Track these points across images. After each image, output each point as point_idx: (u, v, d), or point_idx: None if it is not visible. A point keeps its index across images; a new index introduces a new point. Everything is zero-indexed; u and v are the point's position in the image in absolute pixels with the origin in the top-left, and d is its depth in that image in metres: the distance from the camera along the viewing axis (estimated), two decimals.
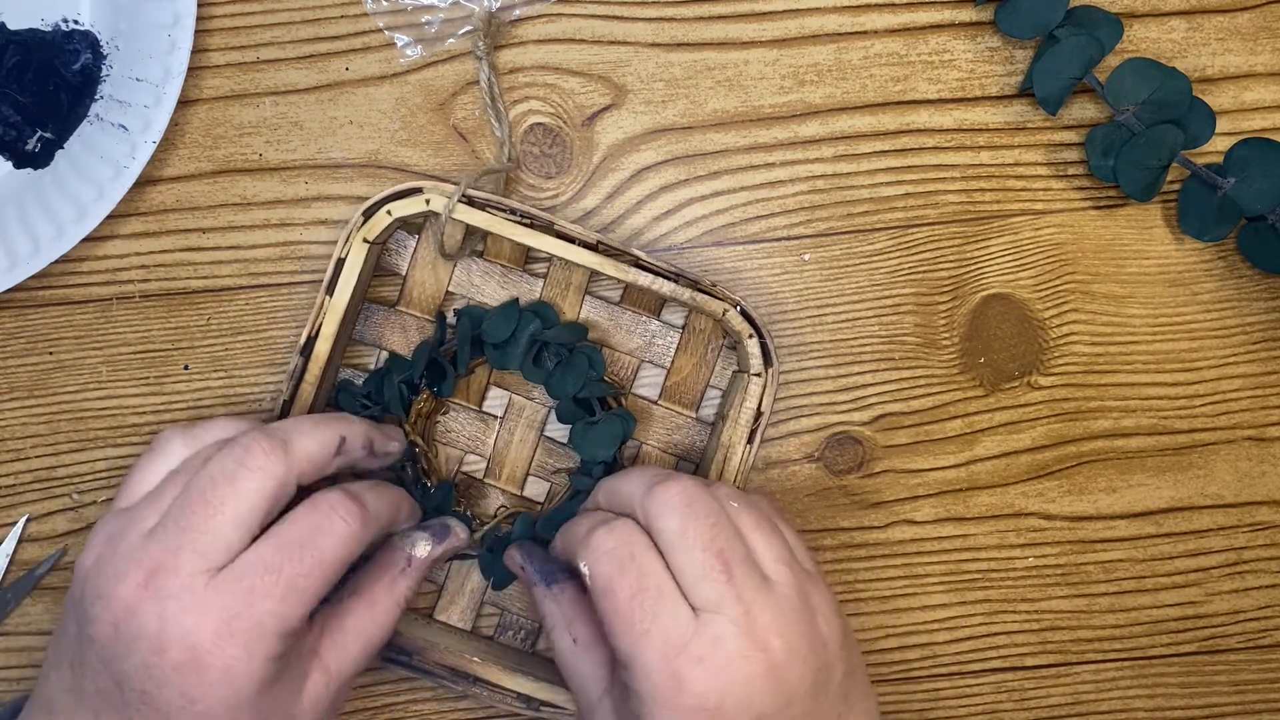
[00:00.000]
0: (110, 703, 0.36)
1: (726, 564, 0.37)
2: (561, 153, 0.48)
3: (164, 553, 0.36)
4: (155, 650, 0.35)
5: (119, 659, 0.36)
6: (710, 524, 0.37)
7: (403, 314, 0.47)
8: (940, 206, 0.49)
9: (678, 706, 0.35)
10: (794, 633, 0.37)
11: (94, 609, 0.36)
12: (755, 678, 0.36)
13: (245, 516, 0.36)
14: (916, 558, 0.50)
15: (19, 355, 0.48)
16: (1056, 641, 0.50)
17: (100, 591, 0.36)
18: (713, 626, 0.36)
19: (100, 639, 0.36)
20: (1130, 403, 0.50)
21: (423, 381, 0.46)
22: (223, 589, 0.35)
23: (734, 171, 0.48)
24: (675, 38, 0.48)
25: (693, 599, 0.36)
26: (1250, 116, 0.49)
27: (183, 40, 0.45)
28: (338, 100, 0.48)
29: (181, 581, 0.35)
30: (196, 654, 0.35)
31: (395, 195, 0.44)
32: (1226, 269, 0.50)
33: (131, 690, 0.36)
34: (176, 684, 0.35)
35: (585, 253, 0.44)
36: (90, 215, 0.45)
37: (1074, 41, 0.46)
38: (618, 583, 0.37)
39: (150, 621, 0.35)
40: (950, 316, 0.49)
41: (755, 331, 0.45)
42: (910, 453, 0.49)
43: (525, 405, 0.48)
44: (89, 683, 0.37)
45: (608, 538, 0.38)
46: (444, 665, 0.45)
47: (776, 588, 0.37)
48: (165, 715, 0.35)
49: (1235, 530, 0.50)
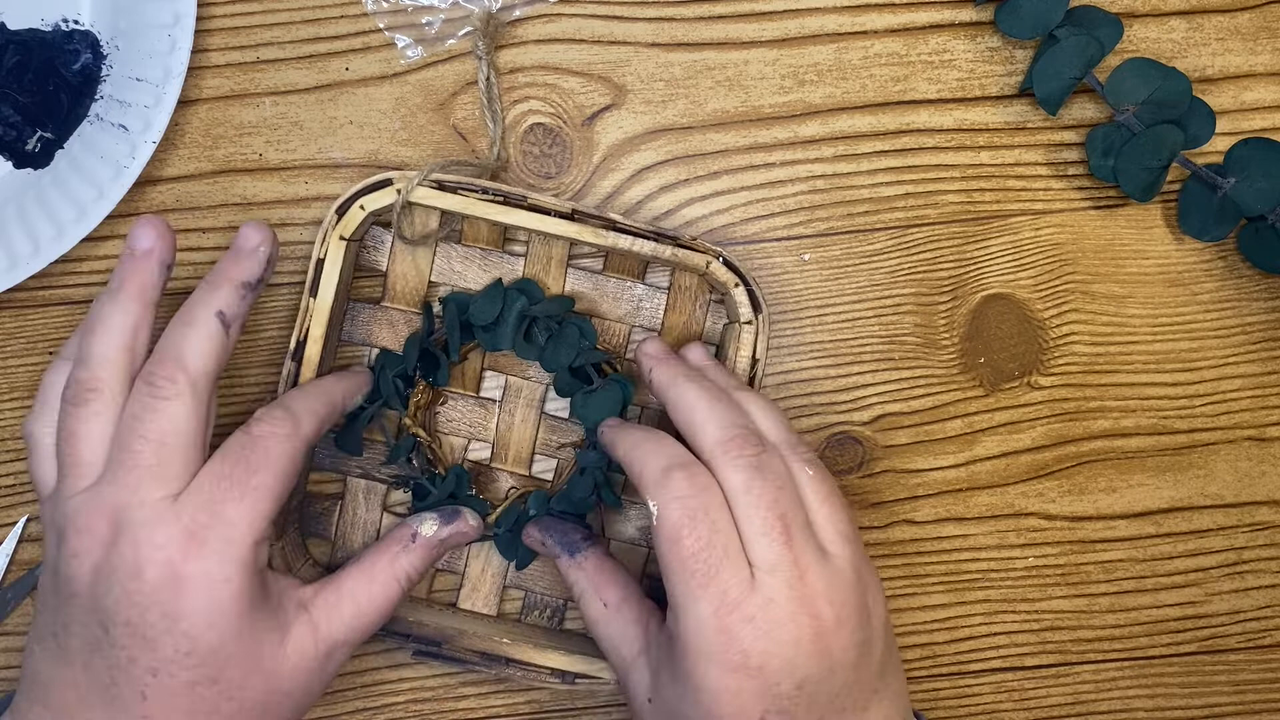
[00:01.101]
0: (97, 648, 0.37)
1: (786, 527, 0.37)
2: (561, 153, 0.48)
3: (122, 492, 0.37)
4: (132, 575, 0.36)
5: (100, 598, 0.36)
6: (776, 486, 0.38)
7: (388, 309, 0.47)
8: (940, 206, 0.49)
9: (723, 662, 0.36)
10: (844, 603, 0.37)
11: (70, 567, 0.37)
12: (803, 641, 0.36)
13: (182, 438, 0.37)
14: (916, 558, 0.50)
15: (19, 355, 0.48)
16: (1056, 641, 0.50)
17: (74, 549, 0.37)
18: (766, 588, 0.37)
19: (81, 591, 0.37)
20: (1130, 403, 0.50)
21: (417, 373, 0.46)
22: (186, 504, 0.37)
23: (734, 171, 0.48)
24: (675, 38, 0.48)
25: (750, 555, 0.37)
26: (1250, 116, 0.49)
27: (183, 40, 0.45)
28: (338, 100, 0.48)
29: (147, 511, 0.37)
30: (172, 568, 0.36)
31: (367, 189, 0.44)
32: (1226, 269, 0.50)
33: (116, 626, 0.36)
34: (157, 604, 0.36)
35: (563, 223, 0.44)
36: (90, 215, 0.45)
37: (1074, 41, 0.46)
38: (687, 532, 0.37)
39: (125, 550, 0.36)
40: (950, 316, 0.49)
41: (741, 280, 0.45)
42: (910, 453, 0.49)
43: (522, 385, 0.48)
44: (74, 640, 0.37)
45: (685, 484, 0.38)
46: (475, 651, 0.46)
47: (833, 559, 0.38)
48: (151, 643, 0.36)
49: (1235, 530, 0.50)
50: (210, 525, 0.37)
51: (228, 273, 0.40)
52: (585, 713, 0.49)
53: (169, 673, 0.36)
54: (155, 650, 0.36)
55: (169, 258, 0.40)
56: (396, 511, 0.48)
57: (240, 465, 0.38)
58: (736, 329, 0.45)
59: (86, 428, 0.38)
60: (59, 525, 0.38)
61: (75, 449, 0.38)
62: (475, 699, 0.49)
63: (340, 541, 0.47)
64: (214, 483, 0.37)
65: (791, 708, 0.37)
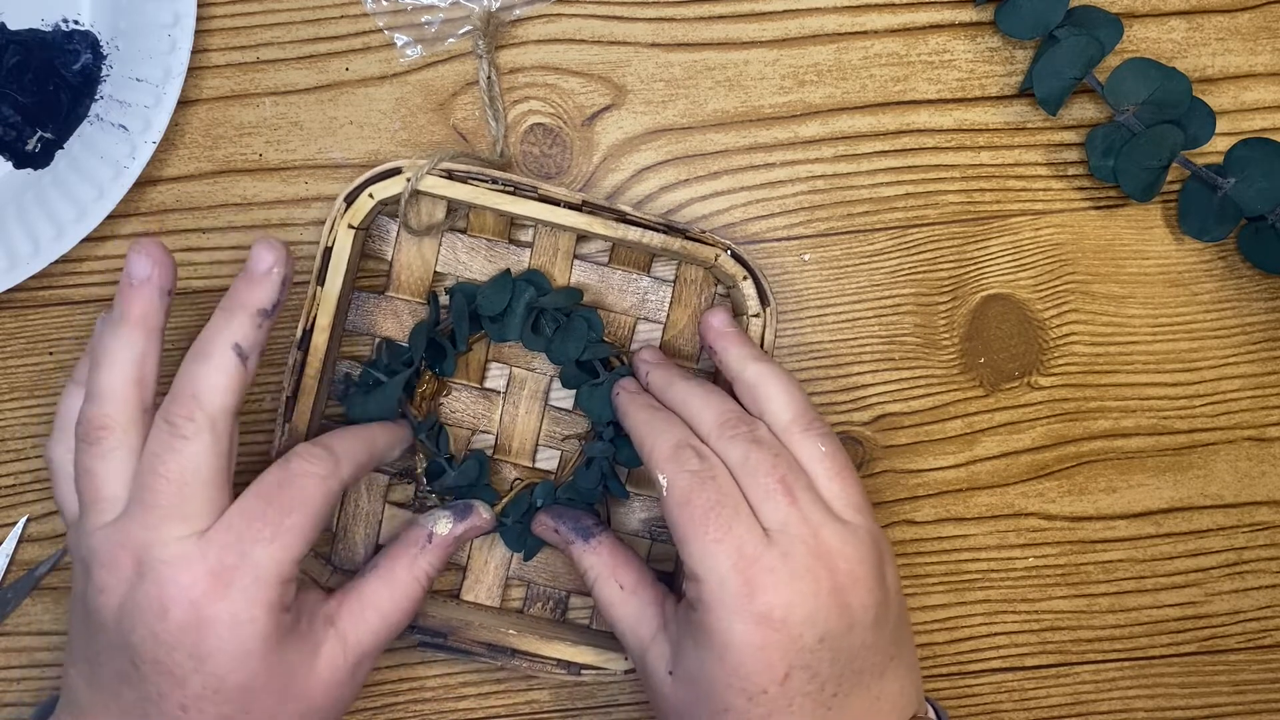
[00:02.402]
0: (127, 681, 0.37)
1: (789, 488, 0.38)
2: (561, 153, 0.48)
3: (145, 530, 0.36)
4: (158, 616, 0.36)
5: (126, 635, 0.36)
6: (772, 454, 0.39)
7: (393, 300, 0.47)
8: (940, 206, 0.49)
9: (748, 613, 0.37)
10: (860, 561, 0.38)
11: (96, 601, 0.37)
12: (821, 593, 0.37)
13: (203, 475, 0.37)
14: (916, 558, 0.50)
15: (19, 355, 0.48)
16: (1056, 641, 0.50)
17: (100, 585, 0.37)
18: (782, 542, 0.37)
19: (109, 625, 0.37)
20: (1130, 403, 0.50)
21: (423, 363, 0.46)
22: (213, 542, 0.36)
23: (734, 171, 0.48)
24: (675, 38, 0.48)
25: (761, 519, 0.38)
26: (1250, 116, 0.49)
27: (183, 40, 0.45)
28: (338, 100, 0.48)
29: (173, 548, 0.36)
30: (197, 610, 0.36)
31: (376, 178, 0.44)
32: (1226, 269, 0.50)
33: (144, 663, 0.36)
34: (184, 645, 0.36)
35: (572, 214, 0.44)
36: (90, 215, 0.45)
37: (1074, 41, 0.46)
38: (697, 494, 0.38)
39: (150, 589, 0.36)
40: (950, 316, 0.49)
41: (749, 273, 0.45)
42: (910, 453, 0.49)
43: (526, 377, 0.48)
44: (105, 670, 0.37)
45: (694, 459, 0.39)
46: (480, 642, 0.46)
47: (847, 524, 0.39)
48: (180, 680, 0.36)
49: (1235, 530, 0.50)
50: (237, 566, 0.36)
51: (242, 299, 0.39)
52: (585, 713, 0.49)
53: (199, 709, 0.36)
54: (184, 688, 0.36)
55: (168, 283, 0.38)
56: (398, 504, 0.48)
57: (274, 505, 0.37)
58: (744, 321, 0.45)
59: (103, 465, 0.37)
60: (84, 558, 0.38)
61: (94, 486, 0.37)
62: (475, 699, 0.49)
63: (343, 534, 0.47)
64: (245, 522, 0.37)
65: (815, 663, 0.37)
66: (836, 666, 0.37)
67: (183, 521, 0.36)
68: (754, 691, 0.37)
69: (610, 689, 0.49)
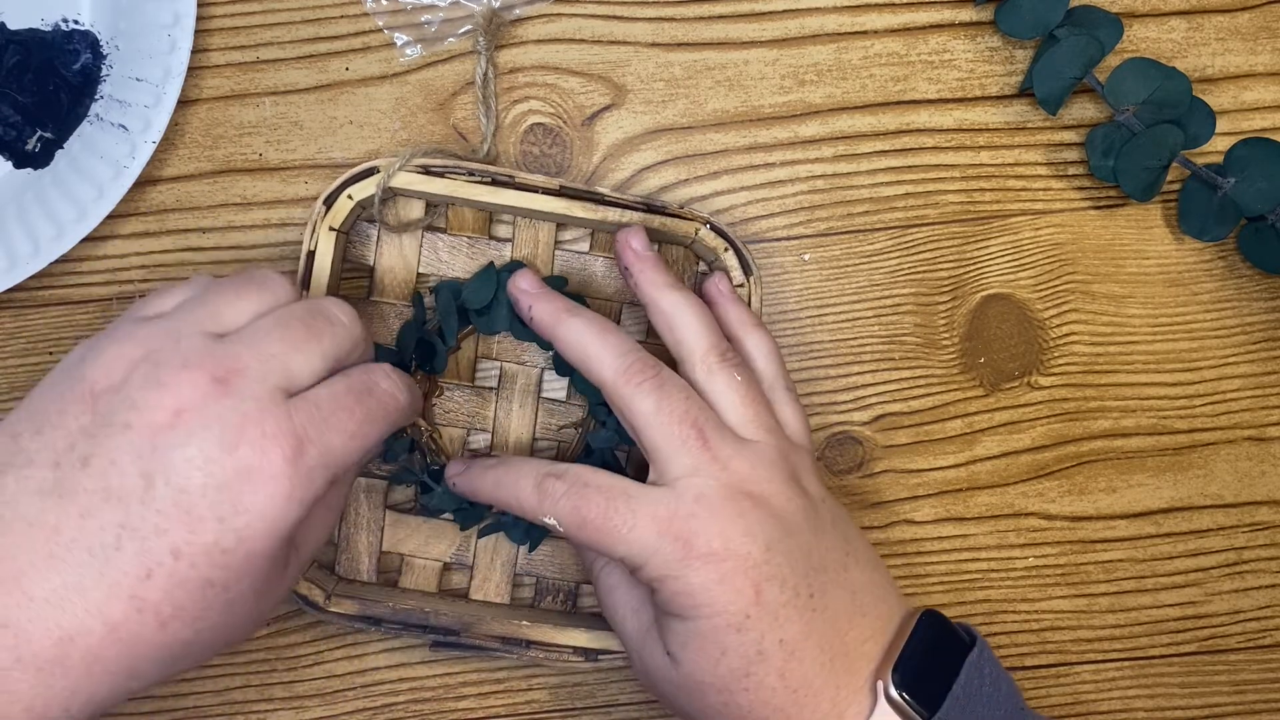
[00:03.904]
0: (121, 500, 0.32)
1: (701, 431, 0.39)
2: (561, 153, 0.48)
3: (253, 358, 0.34)
4: (224, 445, 0.33)
5: (169, 448, 0.32)
6: (683, 398, 0.39)
7: (378, 303, 0.47)
8: (940, 206, 0.49)
9: (693, 561, 0.37)
10: (769, 479, 0.39)
11: (147, 395, 0.33)
12: (746, 512, 0.38)
13: (330, 355, 0.36)
14: (916, 558, 0.50)
15: (19, 355, 0.48)
16: (1056, 641, 0.50)
17: (160, 379, 0.33)
18: (692, 488, 0.38)
19: (146, 426, 0.33)
20: (1130, 403, 0.50)
21: (413, 363, 0.46)
22: (300, 411, 0.34)
23: (734, 171, 0.48)
24: (675, 38, 0.48)
25: (671, 469, 0.38)
26: (1250, 116, 0.49)
27: (183, 40, 0.45)
28: (338, 100, 0.48)
29: (263, 390, 0.34)
30: (266, 463, 0.33)
31: (354, 178, 0.44)
32: (1226, 269, 0.50)
33: (167, 485, 0.32)
34: (232, 487, 0.33)
35: (550, 199, 0.44)
36: (90, 215, 0.45)
37: (1074, 41, 0.46)
38: (585, 509, 0.38)
39: (229, 415, 0.33)
40: (950, 316, 0.49)
41: (729, 244, 0.45)
42: (910, 453, 0.49)
43: (518, 371, 0.48)
44: (90, 477, 0.32)
45: (557, 483, 0.39)
46: (493, 635, 0.46)
47: (754, 445, 0.39)
48: (195, 522, 0.32)
49: (1235, 530, 0.50)
50: (315, 442, 0.34)
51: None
52: (585, 712, 0.49)
53: (191, 562, 0.32)
54: (194, 533, 0.32)
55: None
56: (399, 509, 0.48)
57: (361, 403, 0.36)
58: None
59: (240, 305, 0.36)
60: (156, 353, 0.34)
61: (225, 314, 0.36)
62: (475, 699, 0.49)
63: (345, 544, 0.47)
64: (333, 407, 0.35)
65: (775, 571, 0.38)
66: (797, 568, 0.38)
67: (286, 373, 0.35)
68: (738, 621, 0.37)
69: (610, 689, 0.49)
